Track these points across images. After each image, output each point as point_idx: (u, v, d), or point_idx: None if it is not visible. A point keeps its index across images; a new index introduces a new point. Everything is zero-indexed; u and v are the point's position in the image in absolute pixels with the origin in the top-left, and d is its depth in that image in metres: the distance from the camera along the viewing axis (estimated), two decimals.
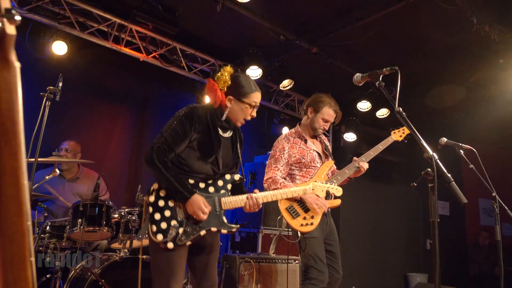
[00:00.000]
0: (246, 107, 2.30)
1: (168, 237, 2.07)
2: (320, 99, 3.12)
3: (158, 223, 2.07)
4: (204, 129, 2.22)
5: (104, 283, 2.90)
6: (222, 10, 4.24)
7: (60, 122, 4.42)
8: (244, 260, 4.07)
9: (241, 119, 2.33)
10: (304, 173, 3.05)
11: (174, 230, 2.08)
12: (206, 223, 2.16)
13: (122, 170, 5.06)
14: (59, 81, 2.82)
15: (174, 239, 2.08)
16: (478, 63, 5.07)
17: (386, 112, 6.26)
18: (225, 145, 2.34)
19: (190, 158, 2.21)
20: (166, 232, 2.07)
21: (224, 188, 2.28)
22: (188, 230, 2.12)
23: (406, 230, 7.36)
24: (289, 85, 5.75)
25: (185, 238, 2.10)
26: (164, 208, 2.12)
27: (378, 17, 4.37)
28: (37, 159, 2.68)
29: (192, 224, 2.14)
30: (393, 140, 3.26)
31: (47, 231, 3.25)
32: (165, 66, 5.11)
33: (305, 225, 2.84)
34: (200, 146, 2.21)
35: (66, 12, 4.33)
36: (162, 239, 2.05)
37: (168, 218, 2.10)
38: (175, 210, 2.13)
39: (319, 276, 2.79)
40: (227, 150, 2.35)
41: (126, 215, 3.30)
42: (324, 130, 3.17)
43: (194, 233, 2.13)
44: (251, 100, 2.30)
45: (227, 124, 2.33)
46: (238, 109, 2.30)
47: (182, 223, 2.12)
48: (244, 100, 2.29)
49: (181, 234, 2.10)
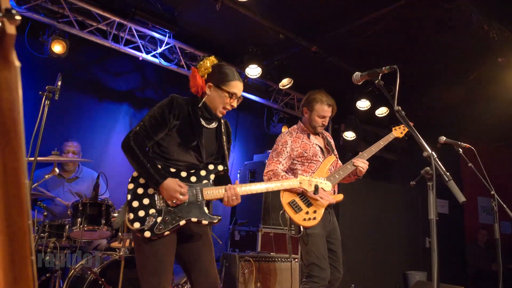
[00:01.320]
0: (225, 96, 2.26)
1: (145, 225, 2.00)
2: (312, 98, 3.15)
3: (136, 211, 2.02)
4: (184, 117, 2.20)
5: (104, 282, 2.90)
6: (221, 9, 4.24)
7: (59, 121, 4.42)
8: (243, 259, 4.08)
9: (219, 107, 2.27)
10: (306, 167, 3.06)
11: (152, 218, 2.02)
12: (186, 213, 2.08)
13: (122, 169, 5.04)
14: (58, 80, 2.82)
15: (152, 228, 2.00)
16: (477, 61, 5.08)
17: (385, 110, 6.26)
18: (208, 135, 2.30)
19: (171, 145, 2.18)
20: (143, 221, 2.01)
21: (207, 178, 2.20)
22: (167, 219, 2.04)
23: (405, 228, 7.36)
24: (289, 83, 5.76)
25: (163, 228, 2.02)
26: (143, 196, 2.07)
27: (377, 16, 4.38)
28: (37, 158, 2.68)
29: (172, 213, 2.06)
30: (394, 136, 3.26)
31: (47, 230, 3.25)
32: (165, 65, 5.11)
33: (307, 219, 2.84)
34: (180, 133, 2.18)
35: (65, 11, 4.32)
36: (138, 227, 1.99)
37: (146, 206, 2.04)
38: (154, 198, 2.07)
39: (321, 274, 2.78)
40: (211, 141, 2.31)
41: None
42: (323, 125, 3.18)
43: (173, 223, 2.04)
44: (230, 89, 2.26)
45: (209, 114, 2.29)
46: (216, 96, 2.26)
47: (161, 211, 2.05)
48: (223, 88, 2.25)
49: (159, 223, 2.02)
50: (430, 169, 1.79)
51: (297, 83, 5.81)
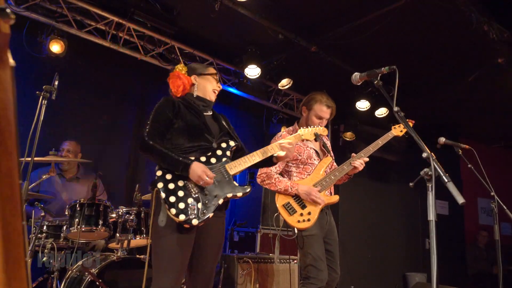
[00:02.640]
0: (210, 78, 2.52)
1: (190, 214, 2.08)
2: (311, 97, 3.14)
3: (176, 205, 2.08)
4: (183, 110, 2.33)
5: (102, 283, 2.89)
6: (220, 9, 4.23)
7: (57, 121, 4.40)
8: (242, 260, 4.07)
9: (210, 90, 2.50)
10: (301, 170, 3.05)
11: (194, 207, 2.11)
12: (220, 192, 2.21)
13: (120, 169, 5.04)
14: (55, 79, 2.81)
15: (198, 214, 2.10)
16: (476, 62, 5.07)
17: (385, 111, 6.25)
18: (209, 120, 2.44)
19: (181, 138, 2.28)
20: (186, 211, 2.08)
21: (225, 156, 2.33)
22: (207, 202, 2.15)
23: (405, 229, 7.36)
24: (288, 84, 5.75)
25: (206, 211, 2.13)
26: (176, 189, 2.13)
27: (377, 16, 4.37)
28: (34, 158, 2.66)
29: (208, 196, 2.17)
30: (393, 135, 3.24)
31: (44, 230, 3.24)
32: (163, 65, 5.09)
33: (302, 221, 2.83)
34: (185, 123, 2.29)
35: (63, 10, 4.30)
36: (185, 218, 2.06)
37: (183, 197, 2.12)
38: (188, 188, 2.16)
39: (318, 275, 2.77)
40: (212, 124, 2.44)
41: (124, 215, 3.29)
42: (320, 127, 3.15)
43: (213, 203, 2.17)
44: (211, 72, 2.54)
45: (203, 102, 2.47)
46: (205, 82, 2.50)
47: (198, 198, 2.15)
48: (205, 73, 2.52)
49: (201, 208, 2.12)
50: (430, 170, 1.79)
51: (297, 83, 5.80)
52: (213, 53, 5.37)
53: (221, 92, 2.66)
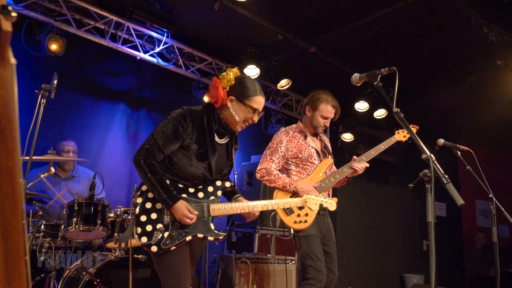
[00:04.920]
0: (248, 111, 2.20)
1: (152, 240, 2.02)
2: (317, 97, 3.10)
3: (144, 225, 2.04)
4: (199, 134, 2.15)
5: (99, 283, 2.88)
6: (220, 9, 4.22)
7: (55, 120, 4.39)
8: (240, 260, 4.06)
9: (240, 122, 2.22)
10: (300, 169, 3.03)
11: (159, 233, 2.04)
12: (192, 229, 2.11)
13: (118, 169, 5.03)
14: (54, 78, 2.80)
15: (159, 242, 2.03)
16: (476, 64, 5.08)
17: (383, 112, 6.26)
18: (220, 151, 2.26)
19: (182, 162, 2.15)
20: (150, 235, 2.03)
21: (214, 195, 2.22)
22: (174, 234, 2.07)
23: (403, 231, 7.37)
24: (287, 84, 5.75)
25: (170, 243, 2.04)
26: (151, 210, 2.08)
27: (376, 17, 4.37)
28: (32, 157, 2.65)
29: (179, 228, 2.08)
30: (396, 140, 3.22)
31: (42, 230, 3.22)
32: (162, 64, 5.09)
33: (298, 222, 2.83)
34: (194, 152, 2.15)
35: (62, 9, 4.29)
36: (146, 241, 2.02)
37: (154, 220, 2.06)
38: (162, 213, 2.09)
39: (317, 276, 2.76)
40: (222, 157, 2.29)
41: (122, 214, 3.29)
42: (325, 127, 3.14)
43: (180, 238, 2.07)
44: (253, 103, 2.20)
45: (224, 129, 2.25)
46: (239, 111, 2.19)
47: (168, 226, 2.07)
48: (245, 102, 2.19)
49: (166, 237, 2.04)
50: (429, 171, 1.79)
51: (296, 84, 5.80)
52: (212, 53, 5.36)
53: None
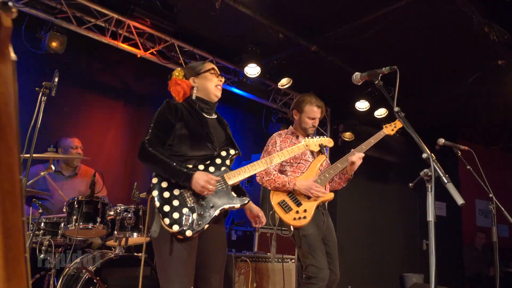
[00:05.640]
0: (209, 75, 2.41)
1: (184, 225, 2.01)
2: (301, 100, 3.20)
3: (170, 215, 2.01)
4: (184, 115, 2.25)
5: (99, 281, 2.88)
6: (221, 7, 4.22)
7: (56, 118, 4.39)
8: (240, 259, 4.06)
9: (212, 88, 2.39)
10: (295, 168, 3.06)
11: (188, 217, 2.03)
12: (217, 203, 2.13)
13: (118, 167, 5.03)
14: (55, 76, 2.80)
15: (191, 225, 2.02)
16: (477, 63, 5.07)
17: (384, 112, 6.26)
18: (213, 125, 2.36)
19: (182, 145, 2.20)
20: (180, 222, 2.01)
21: (224, 165, 2.25)
22: (202, 213, 2.07)
23: (403, 230, 7.38)
24: (288, 83, 5.74)
25: (202, 222, 2.05)
26: (171, 198, 2.06)
27: (377, 16, 4.37)
28: (32, 154, 2.65)
29: (204, 207, 2.09)
30: (385, 133, 3.26)
31: (42, 227, 3.22)
32: (163, 62, 5.07)
33: (297, 219, 2.83)
34: (187, 130, 2.22)
35: (63, 6, 4.28)
36: (178, 229, 1.99)
37: (178, 207, 2.05)
38: (183, 198, 2.09)
39: (319, 274, 2.75)
40: (217, 130, 2.36)
41: (122, 212, 3.28)
42: (314, 127, 3.20)
43: (210, 215, 2.09)
44: (207, 68, 2.43)
45: (206, 104, 2.38)
46: (204, 81, 2.39)
47: (193, 208, 2.07)
48: (202, 71, 2.41)
49: (196, 219, 2.04)
50: (429, 171, 1.78)
51: (296, 83, 5.79)
52: (213, 52, 5.35)
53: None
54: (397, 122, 3.22)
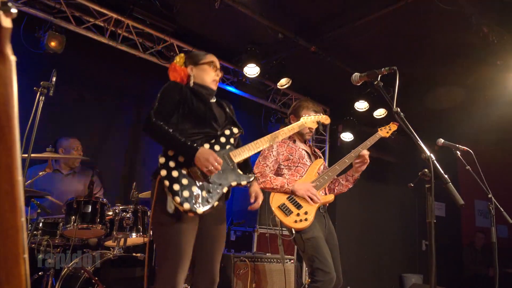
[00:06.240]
0: (207, 68, 2.43)
1: (195, 203, 2.03)
2: (299, 105, 3.20)
3: (180, 193, 2.02)
4: (188, 95, 2.27)
5: (98, 281, 2.88)
6: (220, 7, 4.22)
7: (54, 118, 4.38)
8: (239, 259, 4.06)
9: (208, 81, 2.42)
10: (293, 171, 3.04)
11: (198, 195, 2.06)
12: (225, 180, 2.17)
13: (117, 167, 5.03)
14: (53, 76, 2.79)
15: (202, 203, 2.05)
16: (476, 64, 5.08)
17: (383, 112, 6.27)
18: (215, 107, 2.38)
19: (186, 123, 2.23)
20: (191, 199, 2.03)
21: (228, 143, 2.28)
22: (211, 190, 2.10)
23: (402, 230, 7.38)
24: (287, 83, 5.74)
25: (211, 199, 2.08)
26: (180, 177, 2.07)
27: (377, 17, 4.37)
28: (30, 154, 2.65)
29: (213, 184, 2.13)
30: (380, 136, 3.26)
31: (40, 228, 3.21)
32: (162, 62, 5.07)
33: (299, 221, 2.80)
34: (190, 108, 2.24)
35: (62, 6, 4.27)
36: (189, 206, 2.01)
37: (187, 185, 2.06)
38: (191, 176, 2.10)
39: (325, 277, 2.71)
40: (218, 110, 2.39)
41: (121, 212, 3.28)
42: (311, 132, 3.20)
43: (218, 192, 2.12)
44: (207, 60, 2.45)
45: (205, 89, 2.40)
46: (201, 72, 2.41)
47: (202, 186, 2.10)
48: (201, 62, 2.43)
49: (205, 196, 2.08)
50: (429, 171, 1.79)
51: (296, 83, 5.79)
52: (212, 52, 5.25)
53: (219, 90, 2.63)
54: (391, 124, 3.23)
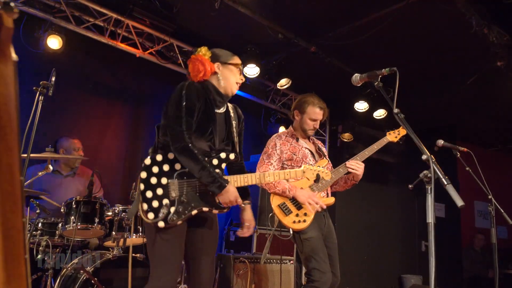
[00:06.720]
0: (235, 69, 2.33)
1: (159, 216, 2.01)
2: (304, 100, 3.16)
3: (150, 201, 2.02)
4: (202, 105, 2.18)
5: (97, 282, 2.87)
6: (220, 7, 4.21)
7: (53, 118, 4.37)
8: (238, 260, 4.06)
9: (233, 83, 2.32)
10: None
11: (166, 209, 2.03)
12: (197, 203, 2.11)
13: (117, 167, 5.02)
14: (52, 75, 2.78)
15: (166, 218, 2.02)
16: (476, 65, 5.08)
17: (383, 112, 6.27)
18: (219, 120, 2.30)
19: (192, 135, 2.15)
20: (157, 211, 2.02)
21: (219, 167, 2.20)
22: (180, 209, 2.06)
23: (401, 231, 7.37)
24: (287, 84, 5.74)
25: (176, 218, 2.04)
26: (157, 185, 2.06)
27: (377, 17, 4.37)
28: (30, 154, 2.64)
29: (185, 203, 2.08)
30: (388, 140, 3.25)
31: (39, 228, 3.21)
32: (162, 62, 5.06)
33: (297, 222, 2.82)
34: (197, 120, 2.16)
35: (61, 5, 4.27)
36: (153, 217, 2.00)
37: (160, 196, 2.04)
38: (167, 188, 2.07)
39: (321, 278, 2.74)
40: (221, 126, 2.31)
41: (120, 212, 3.27)
42: (314, 129, 3.19)
43: (186, 213, 2.07)
44: (236, 62, 2.34)
45: (220, 97, 2.30)
46: (228, 72, 2.31)
47: (174, 202, 2.06)
48: (230, 62, 2.32)
49: (172, 213, 2.04)
50: (429, 172, 1.78)
51: (295, 83, 5.79)
52: None
53: None
54: (401, 129, 3.18)
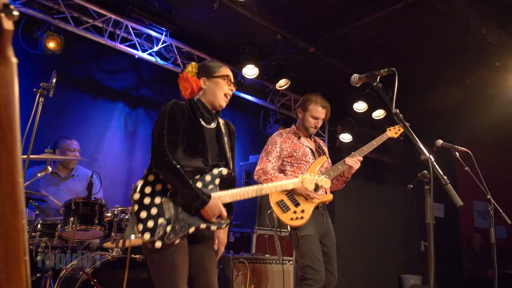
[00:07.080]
0: (221, 82, 2.32)
1: (155, 236, 1.98)
2: (307, 98, 3.22)
3: (145, 222, 1.99)
4: (186, 121, 2.18)
5: (96, 283, 2.87)
6: (219, 8, 4.22)
7: (53, 119, 4.37)
8: (238, 261, 4.06)
9: (221, 96, 2.31)
10: (295, 168, 3.06)
11: (162, 228, 2.00)
12: (194, 220, 2.08)
13: (116, 168, 5.01)
14: (53, 77, 2.78)
15: (162, 237, 1.99)
16: (475, 65, 5.09)
17: (382, 113, 6.27)
18: (210, 136, 2.26)
19: (179, 153, 2.12)
20: (153, 231, 1.98)
21: (212, 183, 2.17)
22: (177, 227, 2.03)
23: (401, 231, 7.38)
24: (286, 84, 5.74)
25: (173, 236, 2.01)
26: (151, 205, 2.03)
27: (376, 18, 4.38)
28: (30, 156, 2.64)
29: (181, 221, 2.05)
30: (388, 136, 3.27)
31: (38, 229, 3.20)
32: (161, 63, 5.07)
33: (295, 219, 2.83)
34: (185, 139, 2.15)
35: (60, 7, 4.27)
36: (149, 238, 1.97)
37: (155, 216, 2.01)
38: (162, 207, 2.05)
39: (315, 276, 2.76)
40: (212, 142, 2.27)
41: (119, 214, 3.27)
42: (316, 127, 3.21)
43: (183, 231, 2.04)
44: (222, 73, 2.34)
45: (208, 113, 2.28)
46: (215, 86, 2.31)
47: (169, 220, 2.03)
48: (216, 75, 2.32)
49: (169, 232, 2.01)
50: (428, 172, 1.79)
51: (294, 84, 5.79)
52: (211, 52, 5.35)
53: None
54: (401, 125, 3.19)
